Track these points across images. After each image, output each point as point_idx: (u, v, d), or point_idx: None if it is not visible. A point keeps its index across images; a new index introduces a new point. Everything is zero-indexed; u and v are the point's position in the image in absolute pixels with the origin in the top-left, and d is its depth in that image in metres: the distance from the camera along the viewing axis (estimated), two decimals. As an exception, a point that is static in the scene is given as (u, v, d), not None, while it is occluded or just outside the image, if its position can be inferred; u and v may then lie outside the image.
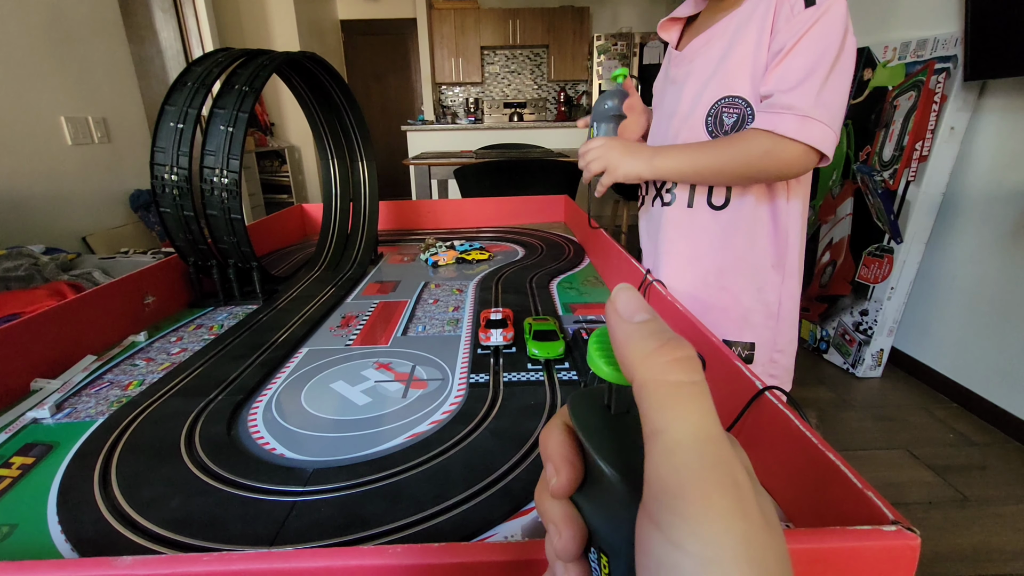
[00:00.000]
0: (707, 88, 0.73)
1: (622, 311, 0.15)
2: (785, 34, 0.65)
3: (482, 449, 0.44)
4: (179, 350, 0.65)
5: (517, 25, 4.82)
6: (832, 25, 0.63)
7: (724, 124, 0.72)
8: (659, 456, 0.12)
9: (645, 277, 0.69)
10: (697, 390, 0.13)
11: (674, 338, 0.14)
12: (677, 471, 0.12)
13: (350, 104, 1.03)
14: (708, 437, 0.12)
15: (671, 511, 0.12)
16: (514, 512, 0.36)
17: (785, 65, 0.64)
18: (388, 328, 0.71)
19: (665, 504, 0.12)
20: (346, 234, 1.07)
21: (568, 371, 0.57)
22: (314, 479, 0.40)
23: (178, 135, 0.73)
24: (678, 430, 0.12)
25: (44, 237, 1.75)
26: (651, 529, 0.12)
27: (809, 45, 0.63)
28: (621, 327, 0.15)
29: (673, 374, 0.13)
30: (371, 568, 0.24)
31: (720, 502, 0.12)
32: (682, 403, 0.13)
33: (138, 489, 0.39)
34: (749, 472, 0.14)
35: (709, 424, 0.13)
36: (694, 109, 0.74)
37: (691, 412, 0.13)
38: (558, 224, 1.35)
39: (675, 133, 0.77)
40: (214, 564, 0.24)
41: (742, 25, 0.69)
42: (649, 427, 0.13)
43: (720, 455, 0.12)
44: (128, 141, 2.19)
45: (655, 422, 0.13)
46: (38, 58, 1.79)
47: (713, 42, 0.73)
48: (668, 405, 0.13)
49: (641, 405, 0.13)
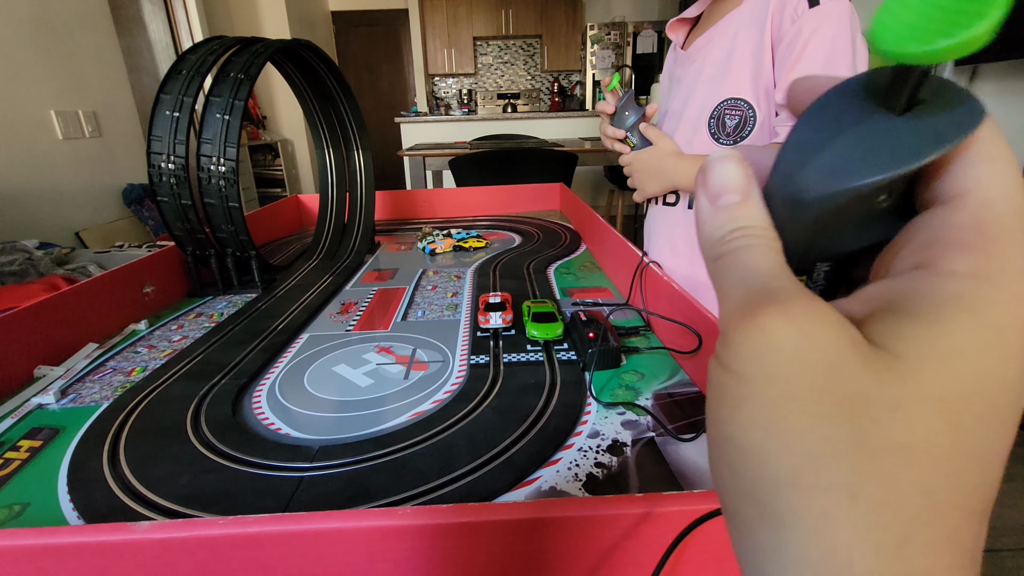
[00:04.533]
0: (709, 90, 0.73)
1: (710, 188, 0.13)
2: (791, 36, 0.64)
3: (484, 425, 0.44)
4: (180, 337, 0.65)
5: (510, 15, 4.78)
6: (841, 27, 0.62)
7: (726, 126, 0.73)
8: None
9: (641, 260, 0.69)
10: (760, 245, 0.13)
11: (755, 220, 0.13)
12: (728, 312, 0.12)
13: (345, 93, 1.03)
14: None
15: (724, 343, 0.12)
16: (518, 482, 0.37)
17: (799, 71, 0.63)
18: (387, 314, 0.71)
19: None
20: (343, 223, 1.07)
21: (567, 352, 0.58)
22: (320, 456, 0.41)
23: (174, 123, 0.73)
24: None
25: (37, 232, 1.74)
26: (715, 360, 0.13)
27: (821, 49, 0.62)
28: (704, 205, 0.13)
29: (739, 243, 0.13)
30: (381, 529, 0.25)
31: None
32: (747, 256, 0.13)
33: (147, 467, 0.40)
34: None
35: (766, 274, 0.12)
36: (696, 111, 0.75)
37: (756, 261, 0.12)
38: (554, 212, 1.36)
39: (679, 134, 0.78)
40: (230, 527, 0.25)
41: (743, 25, 0.69)
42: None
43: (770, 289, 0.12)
44: (119, 135, 2.18)
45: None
46: (26, 51, 1.77)
47: (715, 42, 0.73)
48: (736, 262, 0.13)
49: (713, 274, 0.13)
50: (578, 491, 0.37)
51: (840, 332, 0.10)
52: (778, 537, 0.10)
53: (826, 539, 0.09)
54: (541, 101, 5.26)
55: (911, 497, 0.09)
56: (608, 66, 4.53)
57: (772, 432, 0.10)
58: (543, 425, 0.44)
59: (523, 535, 0.27)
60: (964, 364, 0.10)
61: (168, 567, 0.27)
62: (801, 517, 0.10)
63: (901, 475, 0.09)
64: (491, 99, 5.13)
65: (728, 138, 0.73)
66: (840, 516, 0.09)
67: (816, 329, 0.10)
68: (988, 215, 0.11)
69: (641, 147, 0.80)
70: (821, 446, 0.10)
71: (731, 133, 0.72)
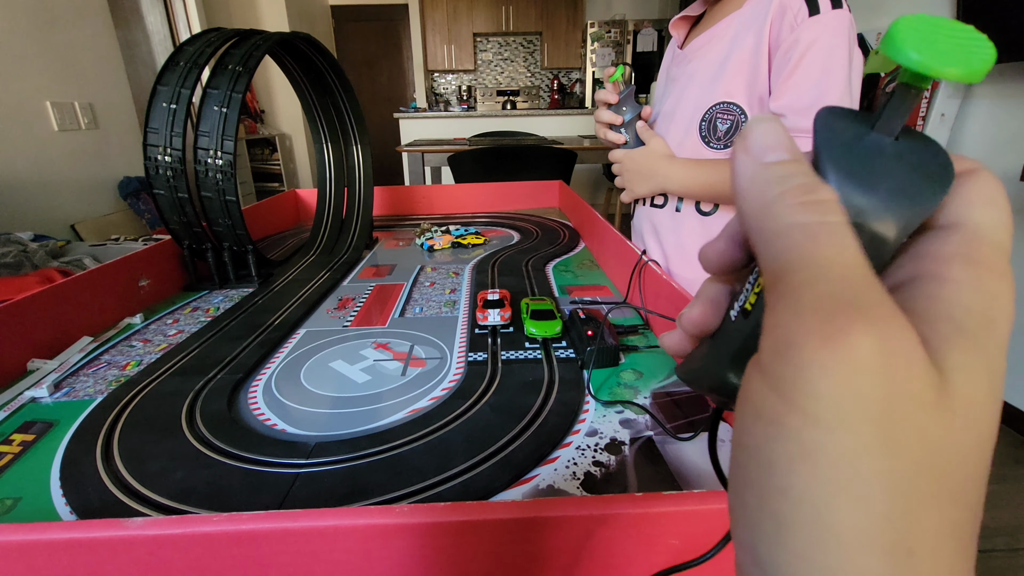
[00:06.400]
0: (703, 92, 0.73)
1: (753, 147, 0.13)
2: (789, 43, 0.63)
3: (482, 422, 0.44)
4: (176, 332, 0.65)
5: (510, 11, 4.76)
6: (839, 37, 0.62)
7: (717, 130, 0.72)
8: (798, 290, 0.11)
9: (640, 258, 0.69)
10: (831, 229, 0.11)
11: (811, 181, 0.12)
12: (798, 317, 0.10)
13: (344, 87, 1.02)
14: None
15: (784, 361, 0.10)
16: (515, 481, 0.37)
17: (796, 82, 0.63)
18: (385, 310, 0.71)
19: (786, 349, 0.10)
20: (341, 219, 1.07)
21: (565, 349, 0.58)
22: (316, 452, 0.41)
23: (171, 116, 0.72)
24: (804, 273, 0.11)
25: (32, 225, 1.73)
26: (758, 379, 0.11)
27: (818, 60, 0.62)
28: (747, 166, 0.12)
29: (802, 216, 0.11)
30: (377, 527, 0.25)
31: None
32: (812, 245, 0.11)
33: (141, 463, 0.40)
34: None
35: (843, 267, 0.11)
36: (688, 112, 0.75)
37: (822, 254, 0.11)
38: (553, 209, 1.36)
39: (671, 134, 0.78)
40: (224, 524, 0.25)
41: (742, 29, 0.69)
42: (771, 272, 0.11)
43: (851, 299, 0.11)
44: (116, 127, 2.16)
45: (780, 265, 0.11)
46: (22, 42, 1.75)
47: (713, 43, 0.73)
48: (797, 246, 0.11)
49: (768, 252, 0.12)
50: (576, 490, 0.36)
51: (923, 370, 0.10)
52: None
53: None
54: (541, 98, 5.25)
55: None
56: (607, 64, 4.52)
57: (844, 491, 0.09)
58: (541, 423, 0.44)
59: (520, 534, 0.27)
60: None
61: (161, 564, 0.26)
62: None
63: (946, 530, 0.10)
64: (490, 96, 5.12)
65: (719, 142, 0.73)
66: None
67: (903, 366, 0.10)
68: (983, 242, 0.12)
69: (634, 146, 0.79)
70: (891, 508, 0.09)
71: (722, 137, 0.72)
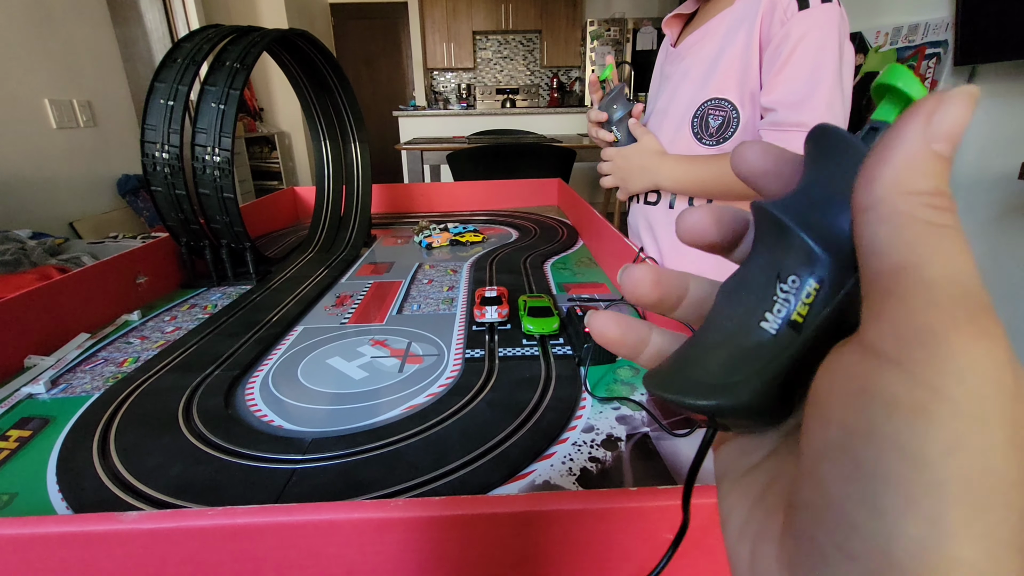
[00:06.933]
0: (695, 88, 0.73)
1: (938, 125, 0.11)
2: (780, 38, 0.63)
3: (479, 419, 0.44)
4: (173, 328, 0.65)
5: (509, 9, 4.76)
6: (829, 31, 0.62)
7: (709, 126, 0.72)
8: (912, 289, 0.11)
9: (638, 255, 0.69)
10: (957, 233, 0.11)
11: (946, 191, 0.11)
12: (937, 306, 0.10)
13: (343, 85, 1.02)
14: (973, 285, 0.11)
15: (923, 346, 0.10)
16: (512, 476, 0.37)
17: (787, 76, 0.63)
18: (383, 307, 0.71)
19: (916, 340, 0.10)
20: (339, 216, 1.06)
21: (562, 346, 0.58)
22: (313, 448, 0.41)
23: (168, 112, 0.72)
24: (938, 268, 0.11)
25: (30, 222, 1.72)
26: (886, 366, 0.11)
27: (809, 54, 0.62)
28: (911, 141, 0.11)
29: (931, 214, 0.11)
30: (374, 521, 0.25)
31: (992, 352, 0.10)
32: (943, 243, 0.11)
33: (138, 458, 0.40)
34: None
35: (972, 271, 0.11)
36: (681, 109, 0.75)
37: (953, 253, 0.11)
38: (551, 207, 1.35)
39: (663, 131, 0.78)
40: (219, 518, 0.25)
41: (733, 26, 0.69)
42: (892, 261, 0.11)
43: (987, 304, 0.11)
44: (114, 125, 2.15)
45: (907, 256, 0.11)
46: (20, 39, 1.75)
47: (705, 40, 0.73)
48: (925, 242, 0.11)
49: (877, 235, 0.11)
50: (572, 485, 0.36)
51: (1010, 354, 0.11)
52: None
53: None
54: (540, 96, 5.24)
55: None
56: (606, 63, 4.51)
57: (955, 451, 0.10)
58: (537, 419, 0.44)
59: (516, 528, 0.27)
60: None
61: (157, 558, 0.26)
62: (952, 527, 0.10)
63: None
64: (490, 94, 5.11)
65: (711, 138, 0.73)
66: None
67: (1007, 359, 0.10)
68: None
69: (626, 143, 0.79)
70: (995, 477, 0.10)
71: (714, 133, 0.72)
